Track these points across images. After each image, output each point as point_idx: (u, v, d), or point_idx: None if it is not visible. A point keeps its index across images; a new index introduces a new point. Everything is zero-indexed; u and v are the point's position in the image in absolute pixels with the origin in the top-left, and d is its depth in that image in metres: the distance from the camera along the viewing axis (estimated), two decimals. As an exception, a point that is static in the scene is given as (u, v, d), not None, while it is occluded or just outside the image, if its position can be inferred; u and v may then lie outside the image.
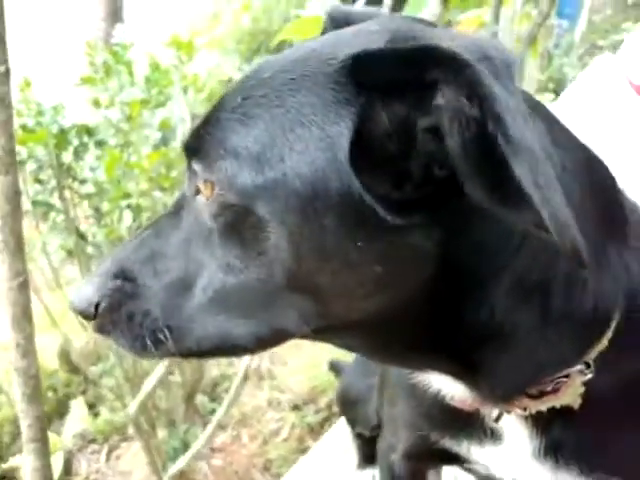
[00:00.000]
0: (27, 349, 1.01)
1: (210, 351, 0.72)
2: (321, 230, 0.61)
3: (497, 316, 0.67)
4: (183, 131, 1.77)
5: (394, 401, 1.00)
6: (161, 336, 0.70)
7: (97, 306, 0.71)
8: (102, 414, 2.47)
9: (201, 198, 0.67)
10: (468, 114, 0.53)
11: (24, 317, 1.00)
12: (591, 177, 0.74)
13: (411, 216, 0.61)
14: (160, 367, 1.32)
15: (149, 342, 0.70)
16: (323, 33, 0.81)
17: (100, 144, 1.91)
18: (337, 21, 0.80)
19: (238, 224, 0.64)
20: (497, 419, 0.82)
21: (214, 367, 2.62)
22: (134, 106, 1.79)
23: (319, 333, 0.69)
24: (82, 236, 1.86)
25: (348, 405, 1.54)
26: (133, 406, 1.28)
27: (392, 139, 0.59)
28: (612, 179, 0.80)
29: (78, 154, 1.86)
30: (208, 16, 5.57)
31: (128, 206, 1.60)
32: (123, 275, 0.72)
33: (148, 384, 1.28)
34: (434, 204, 0.60)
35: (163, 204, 1.76)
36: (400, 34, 0.62)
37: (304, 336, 0.70)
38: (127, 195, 1.61)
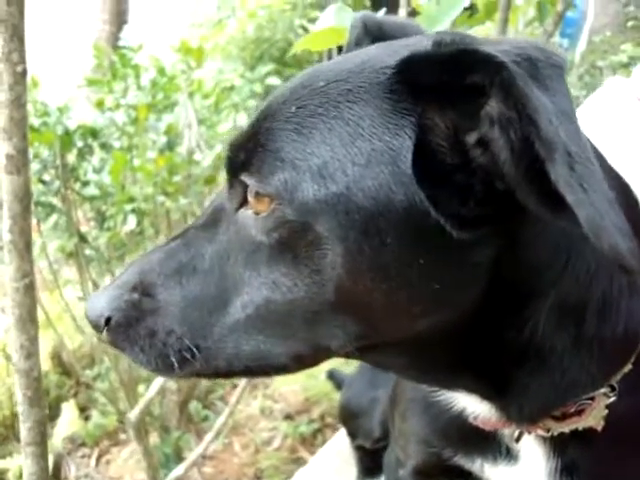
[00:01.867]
0: (30, 351, 1.00)
1: (241, 371, 0.68)
2: (382, 248, 0.58)
3: (537, 337, 0.66)
4: (189, 136, 1.77)
5: (406, 416, 0.98)
6: (188, 355, 0.66)
7: (109, 319, 0.68)
8: (93, 418, 2.45)
9: (248, 212, 0.64)
10: (508, 118, 0.52)
11: (29, 318, 0.99)
12: (626, 202, 0.73)
13: (475, 231, 0.59)
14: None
15: (174, 361, 0.67)
16: (356, 41, 0.80)
17: (104, 147, 1.91)
18: (370, 29, 0.79)
19: (294, 240, 0.60)
20: (517, 439, 0.81)
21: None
22: (141, 110, 1.79)
23: (363, 352, 0.67)
24: (83, 238, 1.85)
25: (350, 417, 1.54)
26: (135, 413, 1.27)
27: (450, 149, 0.58)
28: (635, 197, 0.79)
29: (82, 156, 1.85)
30: (213, 22, 5.59)
31: (132, 210, 1.60)
32: (142, 289, 0.68)
33: (151, 390, 1.27)
34: (498, 218, 0.59)
35: (166, 209, 1.75)
36: (446, 39, 0.59)
37: (349, 356, 0.68)
38: (131, 199, 1.61)
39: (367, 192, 0.58)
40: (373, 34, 0.77)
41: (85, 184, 1.81)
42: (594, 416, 0.75)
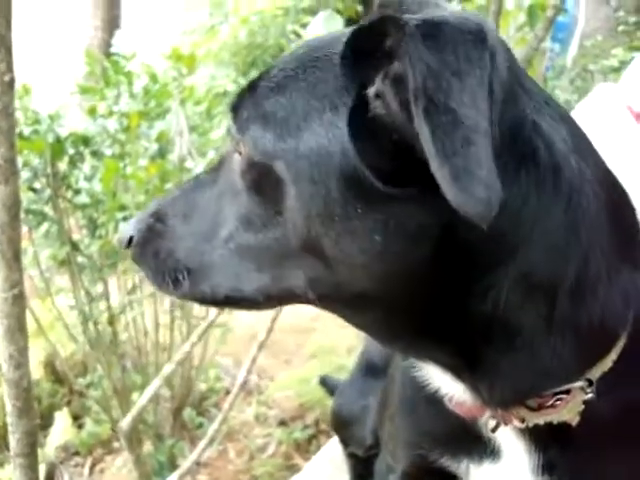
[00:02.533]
0: (20, 361, 0.99)
1: (222, 299, 0.78)
2: (327, 194, 0.65)
3: (501, 310, 0.67)
4: (180, 144, 1.77)
5: (394, 419, 1.00)
6: (180, 276, 0.77)
7: (132, 238, 0.80)
8: (87, 426, 2.44)
9: (236, 155, 0.74)
10: (398, 74, 0.59)
11: (18, 329, 0.98)
12: (611, 195, 0.74)
13: (402, 187, 0.63)
14: (156, 381, 1.30)
15: (168, 279, 0.78)
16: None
17: (96, 154, 1.90)
18: (388, 5, 0.82)
19: (261, 181, 0.70)
20: (494, 429, 0.81)
21: (202, 381, 2.60)
22: (133, 117, 1.79)
23: (324, 301, 0.73)
24: (75, 246, 1.84)
25: (342, 425, 1.54)
26: (127, 421, 1.26)
27: (374, 111, 0.64)
28: (629, 200, 0.80)
29: (74, 163, 1.85)
30: (205, 28, 5.60)
31: (124, 218, 1.59)
32: (158, 216, 0.81)
33: (142, 398, 1.27)
34: (423, 177, 0.60)
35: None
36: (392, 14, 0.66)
37: (312, 302, 0.74)
38: (123, 207, 1.60)
39: (313, 144, 0.66)
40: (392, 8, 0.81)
41: (76, 192, 1.80)
42: (569, 410, 0.75)
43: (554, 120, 0.68)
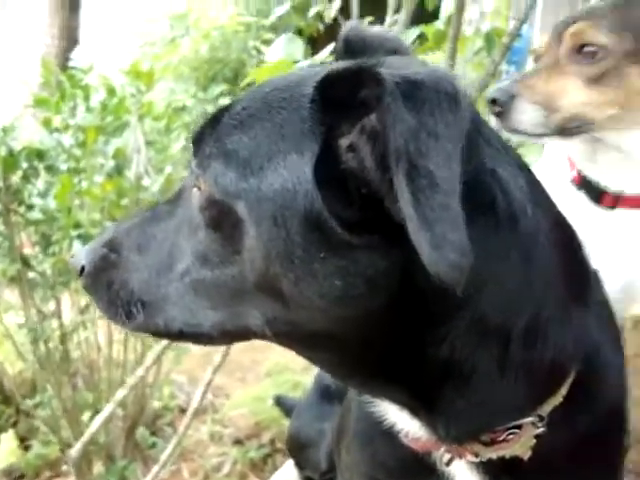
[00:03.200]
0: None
1: (176, 334, 0.78)
2: (288, 237, 0.65)
3: (456, 354, 0.68)
4: (138, 161, 1.75)
5: (350, 449, 1.00)
6: (133, 308, 0.77)
7: (83, 268, 0.81)
8: (34, 448, 2.36)
9: (195, 189, 0.73)
10: (375, 129, 0.59)
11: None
12: (563, 239, 0.77)
13: (366, 237, 0.64)
14: (109, 406, 1.28)
15: (122, 311, 0.78)
16: (337, 55, 0.86)
17: (51, 169, 1.86)
18: (352, 43, 0.85)
19: (220, 219, 0.70)
20: (448, 463, 0.83)
21: (156, 399, 2.56)
22: (89, 133, 1.76)
23: (280, 338, 0.74)
24: (26, 262, 1.80)
25: (298, 448, 1.53)
26: (77, 448, 1.23)
27: (341, 160, 0.64)
28: (579, 241, 0.83)
29: (27, 178, 1.81)
30: (166, 41, 5.56)
31: (79, 236, 1.56)
32: (112, 246, 0.80)
33: (95, 423, 1.24)
34: (384, 227, 0.62)
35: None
36: (365, 61, 0.67)
37: (269, 339, 0.74)
38: (78, 224, 1.57)
39: (276, 186, 0.66)
40: (354, 48, 0.83)
41: (30, 207, 1.76)
42: (521, 444, 0.78)
43: (511, 167, 0.70)
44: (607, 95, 1.38)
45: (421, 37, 3.20)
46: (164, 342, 1.46)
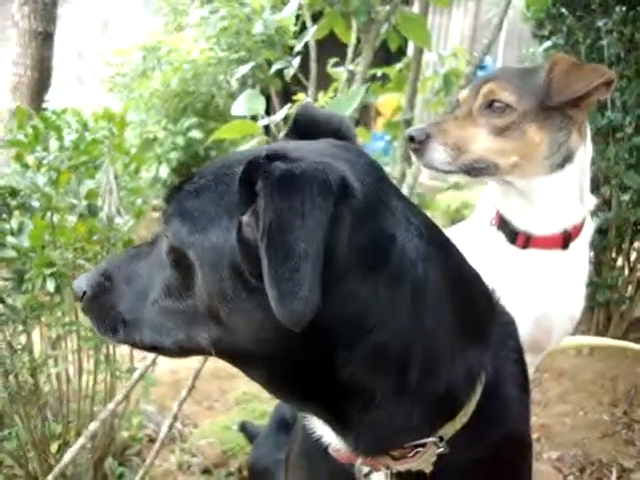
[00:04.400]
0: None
1: (147, 347, 1.00)
2: (221, 280, 0.85)
3: (359, 378, 0.85)
4: (110, 202, 1.83)
5: (294, 469, 1.18)
6: (118, 326, 0.99)
7: (85, 293, 1.01)
8: (0, 481, 2.36)
9: (164, 238, 0.93)
10: (258, 211, 0.77)
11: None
12: (460, 288, 0.92)
13: None
14: (80, 440, 1.33)
15: (109, 327, 0.99)
16: (288, 132, 1.06)
17: (23, 206, 1.92)
18: (302, 123, 1.05)
19: (179, 262, 0.90)
20: (367, 475, 0.99)
21: (125, 429, 2.59)
22: (63, 173, 1.83)
23: (222, 355, 0.93)
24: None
25: (256, 478, 1.60)
26: (49, 481, 1.28)
27: (246, 234, 0.83)
28: (483, 285, 1.00)
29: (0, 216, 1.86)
30: (138, 72, 5.64)
31: (51, 274, 1.63)
32: (107, 275, 1.01)
33: (65, 458, 1.29)
34: None
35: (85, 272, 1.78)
36: (274, 149, 0.86)
37: (215, 355, 0.93)
38: (51, 264, 1.64)
39: (214, 241, 0.86)
40: (304, 127, 1.03)
41: (2, 245, 1.81)
42: (424, 460, 0.93)
43: (409, 232, 0.86)
44: (509, 145, 1.62)
45: (384, 77, 3.36)
46: (134, 375, 1.52)
